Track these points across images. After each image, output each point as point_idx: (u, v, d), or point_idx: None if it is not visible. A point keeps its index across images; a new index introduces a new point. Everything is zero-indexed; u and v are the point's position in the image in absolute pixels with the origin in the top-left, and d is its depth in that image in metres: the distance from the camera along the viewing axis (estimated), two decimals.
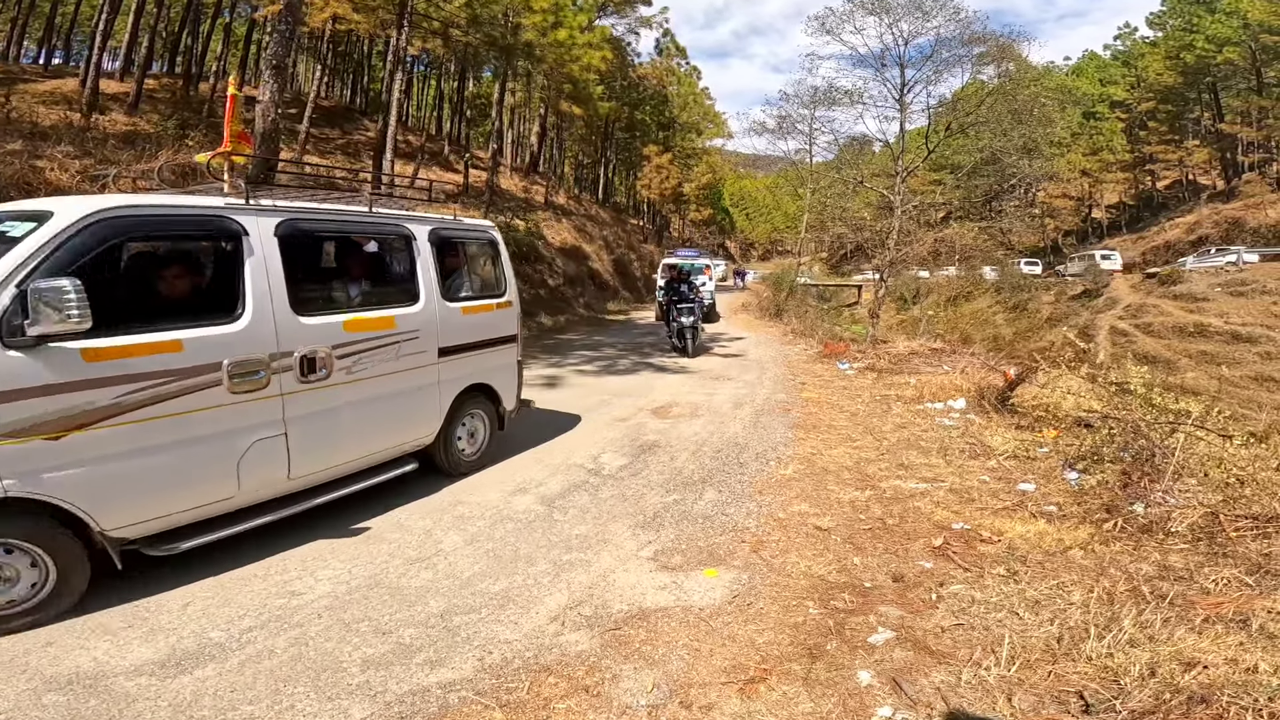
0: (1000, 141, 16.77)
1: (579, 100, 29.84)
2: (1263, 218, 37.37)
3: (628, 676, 2.51)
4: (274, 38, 8.12)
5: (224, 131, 4.09)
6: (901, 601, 3.04)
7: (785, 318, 19.18)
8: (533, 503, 4.28)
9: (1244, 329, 24.01)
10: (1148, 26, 50.61)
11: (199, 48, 29.67)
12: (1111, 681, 2.31)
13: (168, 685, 2.42)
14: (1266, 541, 3.34)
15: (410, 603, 3.00)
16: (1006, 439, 5.74)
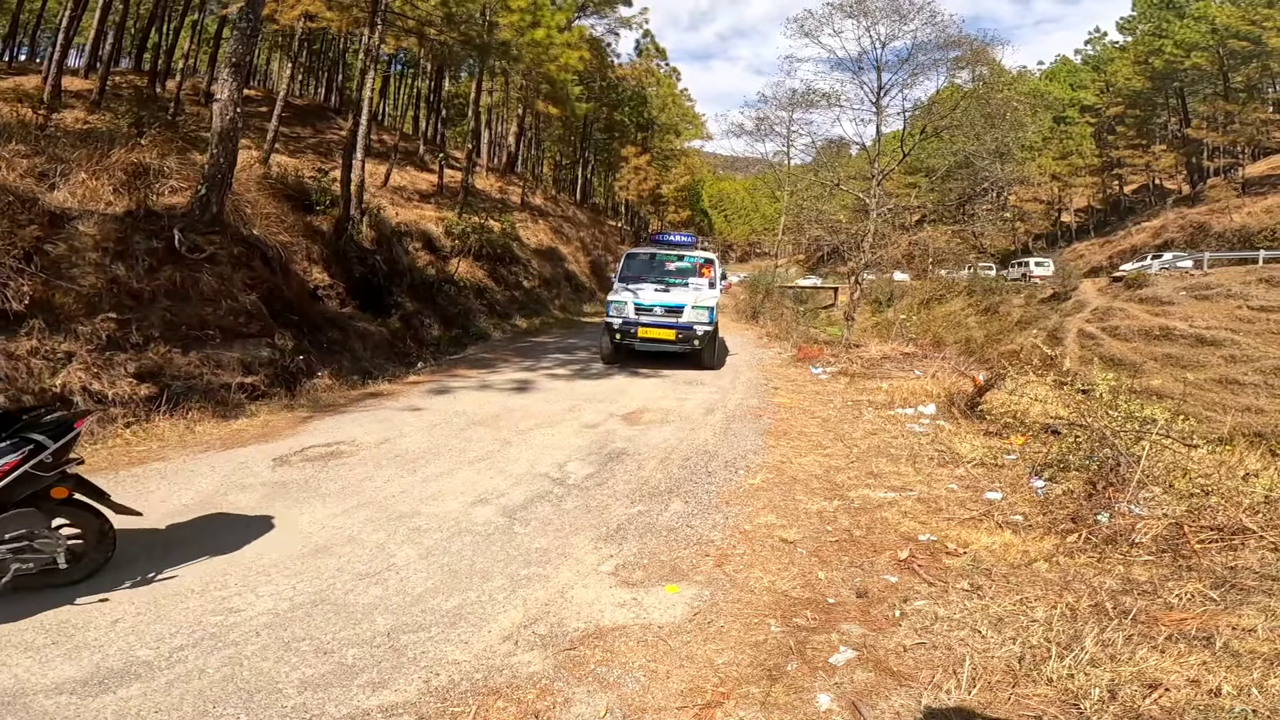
0: (974, 145, 16.94)
1: (557, 100, 29.63)
2: (1227, 222, 38.37)
3: (580, 700, 2.41)
4: (234, 34, 7.89)
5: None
6: (865, 619, 2.98)
7: (761, 320, 19.19)
8: (493, 514, 4.15)
9: (1208, 332, 24.59)
10: (1118, 31, 51.74)
11: (167, 44, 28.91)
12: (1071, 705, 2.26)
13: (89, 705, 2.28)
14: (1231, 554, 3.35)
15: (356, 621, 2.86)
16: (975, 446, 5.74)
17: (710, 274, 10.77)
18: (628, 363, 10.31)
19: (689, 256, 11.12)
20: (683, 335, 9.45)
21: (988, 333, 29.87)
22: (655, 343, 9.56)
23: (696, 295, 9.80)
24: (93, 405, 5.51)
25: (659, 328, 9.55)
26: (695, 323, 9.49)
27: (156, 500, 4.12)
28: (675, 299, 9.73)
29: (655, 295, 9.81)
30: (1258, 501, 3.95)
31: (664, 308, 9.67)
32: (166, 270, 6.73)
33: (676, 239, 12.08)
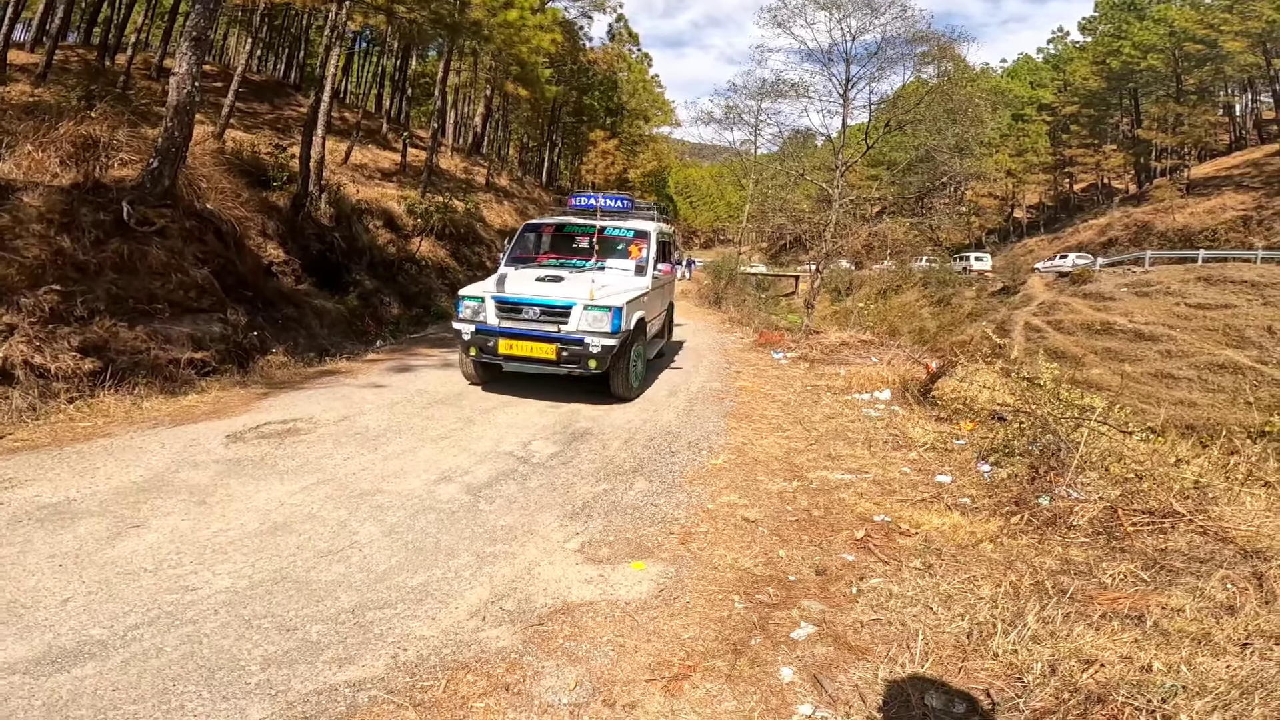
0: (935, 140, 17.33)
1: (526, 82, 29.19)
2: (1170, 222, 40.12)
3: (550, 674, 2.44)
4: (195, 8, 7.54)
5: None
6: (824, 595, 3.09)
7: (724, 306, 19.36)
8: (458, 492, 4.14)
9: (1147, 328, 25.77)
10: (1080, 32, 53.20)
11: (119, 18, 27.44)
12: (1015, 679, 2.40)
13: (42, 684, 2.22)
14: (1162, 537, 3.56)
15: (319, 598, 2.84)
16: (927, 431, 5.94)
17: (641, 253, 7.57)
18: None
19: (613, 228, 7.85)
20: (569, 351, 6.12)
21: (940, 323, 30.77)
22: (526, 362, 6.35)
23: (602, 287, 6.38)
24: (35, 379, 5.27)
25: (530, 339, 6.23)
26: (589, 332, 6.11)
27: (103, 478, 3.99)
28: (561, 293, 6.33)
29: (533, 287, 6.50)
30: (1187, 487, 4.21)
31: (541, 307, 6.27)
32: (114, 243, 6.46)
33: (603, 202, 8.26)
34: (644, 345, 7.38)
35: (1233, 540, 3.49)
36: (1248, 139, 48.82)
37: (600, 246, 7.66)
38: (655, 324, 8.32)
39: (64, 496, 3.68)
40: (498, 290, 6.49)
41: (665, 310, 9.33)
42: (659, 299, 8.38)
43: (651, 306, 7.64)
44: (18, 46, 21.05)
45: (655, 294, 7.87)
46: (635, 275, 7.27)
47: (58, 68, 18.67)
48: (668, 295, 9.47)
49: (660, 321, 8.88)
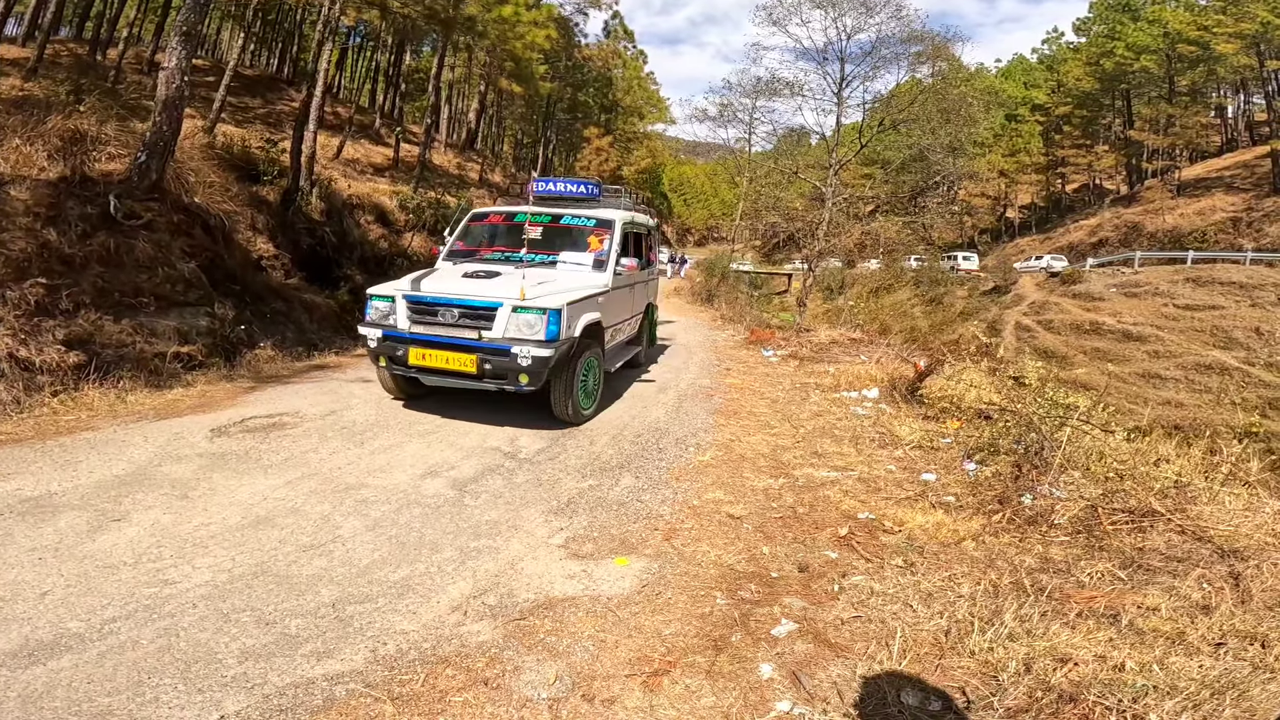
0: (929, 139, 17.38)
1: (520, 78, 29.14)
2: (1160, 223, 40.38)
3: (530, 668, 2.45)
4: (187, 2, 7.49)
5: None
6: (805, 593, 3.11)
7: (716, 303, 19.37)
8: (443, 486, 4.14)
9: (1135, 328, 25.96)
10: (1074, 32, 53.37)
11: (111, 13, 27.24)
12: (991, 677, 2.42)
13: (18, 676, 2.22)
14: (1140, 535, 3.59)
15: (299, 592, 2.84)
16: (913, 429, 5.97)
17: (603, 245, 6.50)
18: None
19: (572, 216, 6.81)
20: (492, 364, 5.05)
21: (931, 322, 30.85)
22: (443, 375, 5.31)
23: (539, 285, 5.35)
24: (19, 372, 5.24)
25: (446, 348, 5.18)
26: (519, 340, 5.02)
27: (85, 471, 3.97)
28: (486, 292, 5.25)
29: (456, 284, 5.46)
30: (1167, 486, 4.24)
31: (461, 309, 5.19)
32: (100, 236, 6.43)
33: (566, 188, 7.48)
34: (600, 356, 6.04)
35: (1210, 539, 3.53)
36: (1239, 140, 49.15)
37: (556, 237, 6.60)
38: (625, 329, 7.19)
39: (45, 490, 3.66)
40: (411, 288, 5.41)
41: (641, 313, 8.10)
42: (627, 299, 7.12)
43: (615, 308, 6.52)
44: (9, 41, 20.98)
45: (621, 294, 6.79)
46: (592, 271, 6.23)
47: (49, 62, 18.58)
48: (643, 295, 8.15)
49: (632, 326, 7.66)
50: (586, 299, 5.70)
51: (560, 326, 5.11)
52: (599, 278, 6.18)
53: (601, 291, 6.05)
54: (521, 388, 5.14)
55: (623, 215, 7.01)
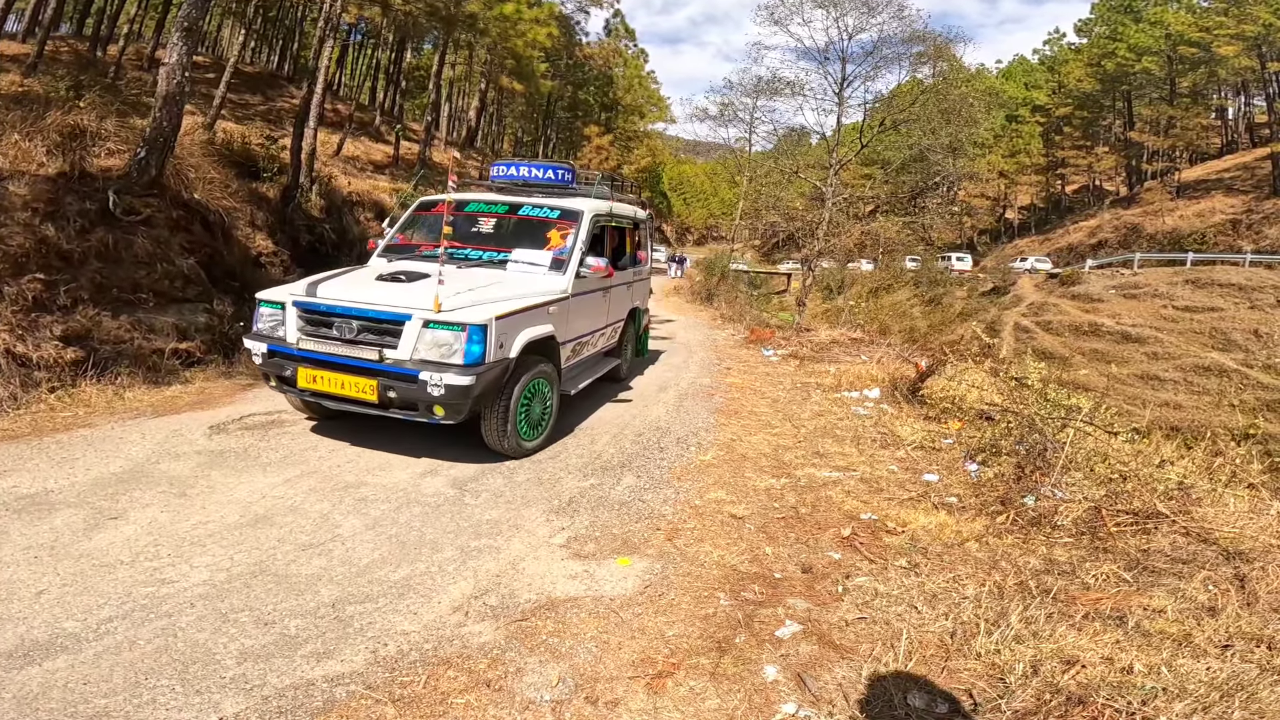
0: (929, 139, 17.36)
1: (521, 76, 29.12)
2: (1160, 224, 40.42)
3: (532, 670, 2.43)
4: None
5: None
6: (809, 593, 3.08)
7: (716, 302, 19.35)
8: (443, 485, 4.11)
9: (1134, 329, 25.98)
10: (1075, 33, 53.40)
11: (112, 9, 27.19)
12: (998, 679, 2.40)
13: (13, 677, 2.19)
14: (1145, 537, 3.57)
15: (299, 592, 2.81)
16: (915, 429, 5.95)
17: (565, 241, 5.44)
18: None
19: (531, 207, 5.77)
20: (397, 391, 4.11)
21: (931, 323, 30.87)
22: (339, 402, 4.32)
23: (459, 294, 4.28)
24: (16, 369, 5.20)
25: (340, 369, 4.24)
26: (430, 363, 4.08)
27: (82, 468, 3.94)
28: (396, 300, 4.24)
29: (363, 289, 4.46)
30: (1171, 488, 4.23)
31: (361, 320, 4.24)
32: (99, 232, 6.39)
33: (530, 173, 6.52)
34: (555, 376, 5.00)
35: (1215, 541, 3.51)
36: (1239, 142, 49.20)
37: (511, 232, 5.66)
38: (596, 340, 6.16)
39: (42, 487, 3.63)
40: (306, 292, 4.40)
41: (622, 321, 6.94)
42: (598, 306, 6.00)
43: (579, 318, 5.49)
44: (9, 37, 20.95)
45: (589, 300, 5.70)
46: (548, 273, 5.15)
47: (49, 59, 18.53)
48: (624, 300, 6.96)
49: (609, 337, 6.56)
50: (530, 309, 4.58)
51: (487, 346, 4.09)
52: (554, 281, 5.11)
53: (556, 299, 4.99)
54: (436, 420, 4.20)
55: (594, 206, 5.99)
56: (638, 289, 7.57)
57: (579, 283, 5.37)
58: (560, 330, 5.05)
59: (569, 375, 5.55)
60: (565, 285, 5.19)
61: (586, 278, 5.47)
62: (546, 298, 4.89)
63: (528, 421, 4.73)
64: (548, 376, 4.89)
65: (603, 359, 6.69)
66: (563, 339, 5.14)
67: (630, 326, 7.36)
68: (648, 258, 8.08)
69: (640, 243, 7.68)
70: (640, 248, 7.69)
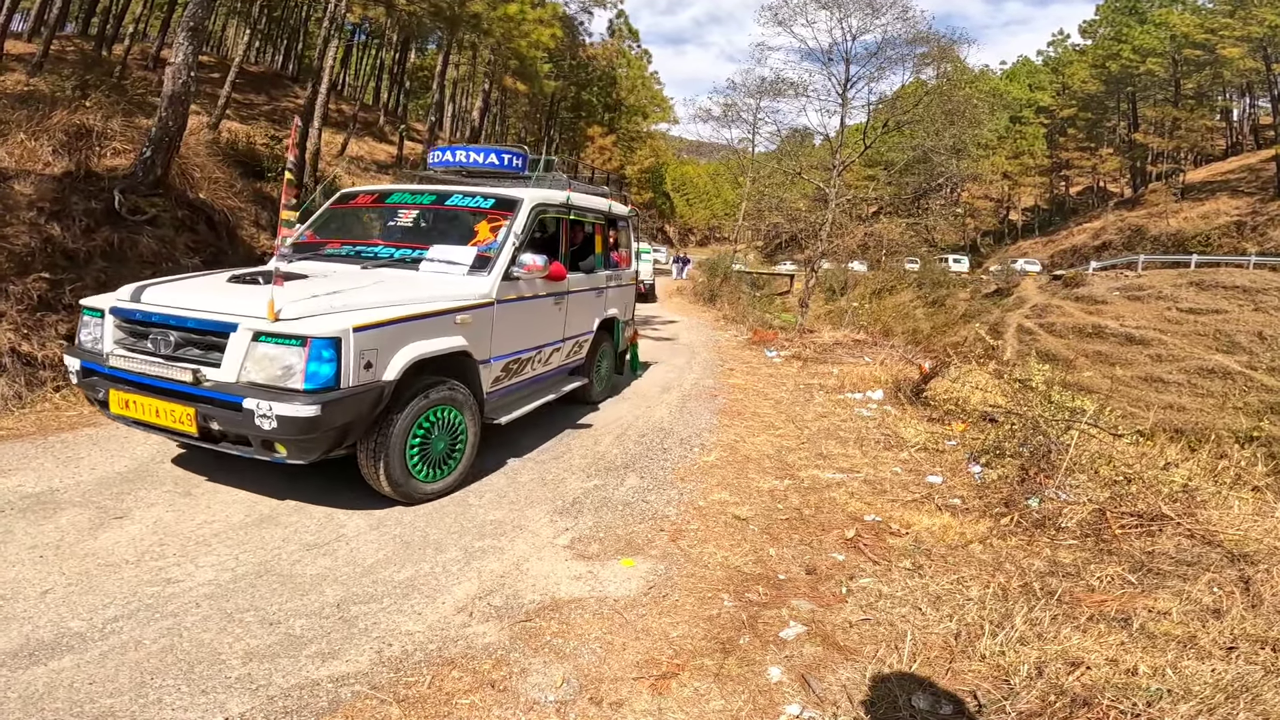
0: (932, 141, 17.34)
1: (525, 77, 29.17)
2: (1163, 226, 40.36)
3: (537, 670, 2.43)
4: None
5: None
6: (813, 595, 3.08)
7: (718, 303, 19.35)
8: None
9: (1137, 331, 25.93)
10: (1080, 35, 53.38)
11: (117, 9, 27.32)
12: (1003, 681, 2.40)
13: (18, 677, 2.19)
14: (1150, 539, 3.56)
15: (304, 591, 2.81)
16: (918, 431, 5.94)
17: (495, 235, 4.55)
18: None
19: (462, 196, 4.96)
20: (220, 423, 3.26)
21: (934, 324, 30.85)
22: (157, 431, 3.58)
23: (329, 295, 3.50)
24: (21, 367, 5.23)
25: (154, 392, 3.39)
26: (262, 387, 3.20)
27: (87, 468, 3.95)
28: (225, 305, 3.38)
29: (195, 293, 3.61)
30: (1176, 490, 4.22)
31: (181, 331, 3.39)
32: (104, 231, 6.42)
33: (470, 158, 5.80)
34: (472, 403, 4.04)
35: (1220, 544, 3.50)
36: (1244, 144, 49.10)
37: (434, 225, 5.00)
38: (549, 357, 5.23)
39: (47, 486, 3.64)
40: (131, 297, 3.58)
41: (591, 333, 5.99)
42: (545, 316, 5.04)
43: (510, 330, 4.48)
44: (15, 36, 21.04)
45: (527, 308, 4.70)
46: (469, 274, 4.22)
47: (54, 58, 18.62)
48: (594, 308, 6.03)
49: (570, 352, 5.65)
50: (421, 319, 3.64)
51: (341, 365, 3.16)
52: (472, 284, 4.17)
53: (472, 305, 4.06)
54: (280, 459, 3.35)
55: (538, 195, 4.99)
56: (614, 296, 6.47)
57: (510, 286, 4.42)
58: (479, 345, 4.13)
59: (500, 400, 4.61)
60: (488, 289, 4.21)
61: (521, 280, 4.53)
62: (455, 304, 3.94)
63: (426, 460, 3.76)
64: (458, 403, 3.92)
65: (564, 378, 5.73)
66: (485, 356, 4.23)
67: (606, 340, 6.43)
68: (630, 260, 7.02)
69: (619, 243, 6.79)
70: (619, 248, 6.76)
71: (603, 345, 6.37)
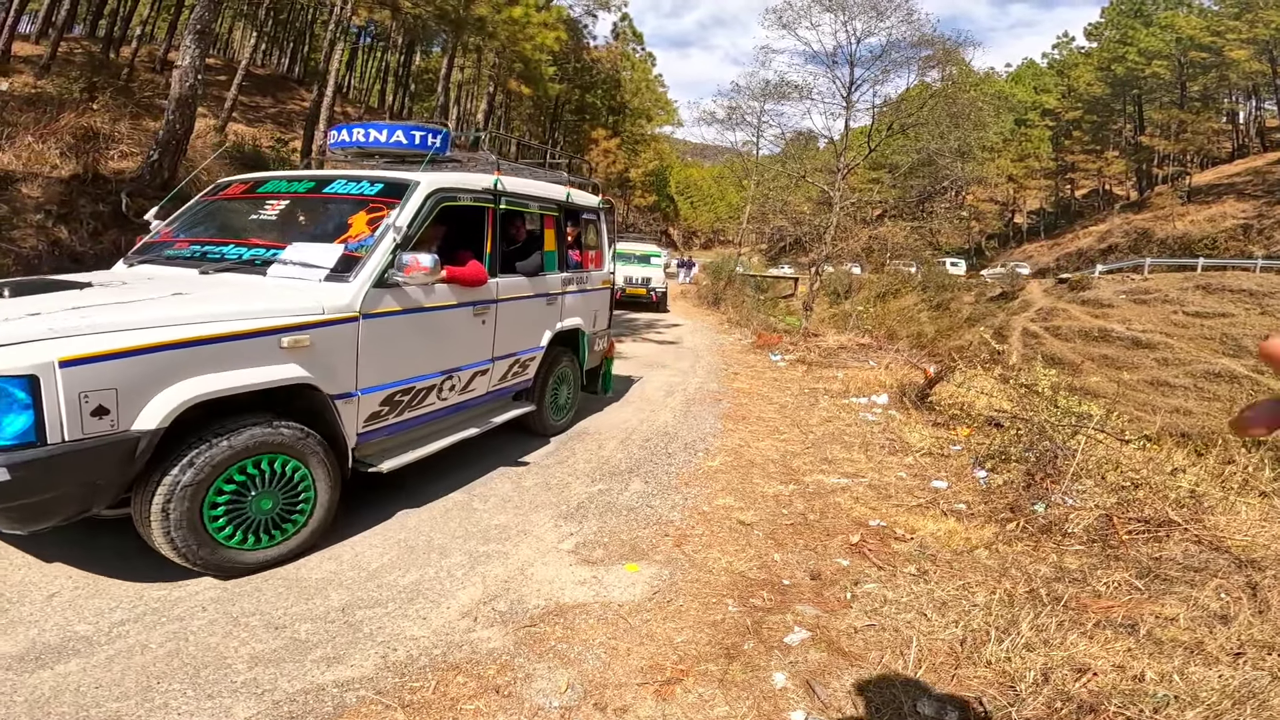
0: (937, 143, 17.33)
1: (529, 80, 29.25)
2: (1170, 229, 40.22)
3: (541, 676, 2.43)
4: (201, 1, 7.55)
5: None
6: (818, 600, 3.08)
7: (723, 306, 19.34)
8: (451, 490, 4.12)
9: (1144, 335, 25.82)
10: (1085, 38, 53.35)
11: (125, 10, 27.50)
12: (1008, 687, 2.39)
13: (25, 680, 2.20)
14: (1157, 545, 3.55)
15: (309, 596, 2.82)
16: (923, 435, 5.93)
17: (370, 231, 3.55)
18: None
19: (344, 182, 3.95)
20: None
21: (939, 328, 30.77)
22: None
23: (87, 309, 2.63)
24: None
25: None
26: None
27: None
28: None
29: None
30: (1183, 496, 4.20)
31: None
32: (111, 234, 6.48)
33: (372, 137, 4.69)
34: (312, 453, 3.11)
35: (1227, 549, 3.49)
36: (1250, 147, 48.92)
37: (302, 218, 3.97)
38: (472, 383, 4.29)
39: None
40: None
41: (540, 350, 5.02)
42: (465, 330, 4.13)
43: (393, 350, 3.57)
44: (23, 38, 21.17)
45: (424, 322, 3.74)
46: (326, 281, 3.31)
47: (62, 59, 18.75)
48: (545, 318, 5.06)
49: (503, 376, 4.64)
50: (209, 343, 2.70)
51: (46, 412, 2.34)
52: (328, 294, 3.21)
53: (316, 320, 3.09)
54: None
55: (442, 180, 3.96)
56: (576, 304, 5.47)
57: (388, 295, 3.46)
58: (335, 374, 3.21)
59: (386, 441, 3.75)
60: (348, 299, 3.25)
61: (406, 286, 3.55)
62: (288, 320, 2.97)
63: (243, 524, 2.92)
64: (295, 450, 3.03)
65: (501, 405, 4.83)
66: (348, 388, 3.29)
67: (567, 357, 5.51)
68: (602, 261, 6.03)
69: (583, 240, 5.97)
70: (583, 247, 5.90)
71: (560, 364, 5.38)
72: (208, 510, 2.80)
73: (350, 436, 3.37)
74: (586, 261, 5.84)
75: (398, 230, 3.52)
